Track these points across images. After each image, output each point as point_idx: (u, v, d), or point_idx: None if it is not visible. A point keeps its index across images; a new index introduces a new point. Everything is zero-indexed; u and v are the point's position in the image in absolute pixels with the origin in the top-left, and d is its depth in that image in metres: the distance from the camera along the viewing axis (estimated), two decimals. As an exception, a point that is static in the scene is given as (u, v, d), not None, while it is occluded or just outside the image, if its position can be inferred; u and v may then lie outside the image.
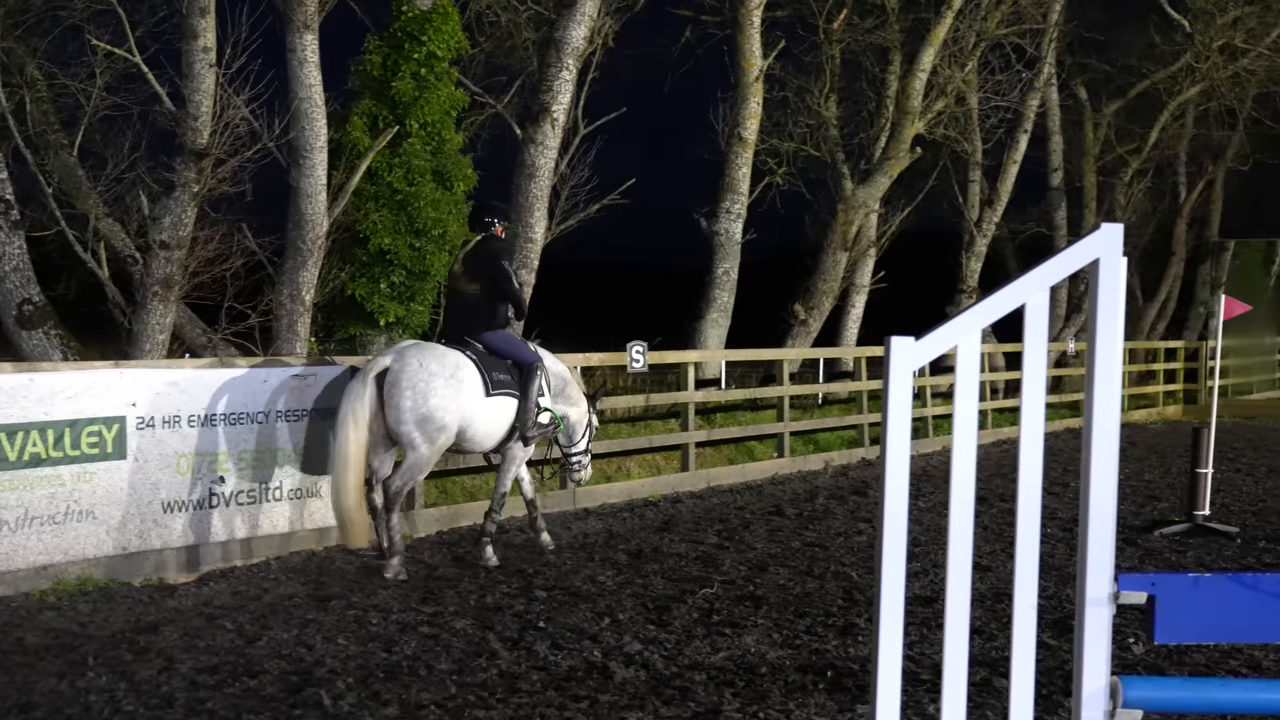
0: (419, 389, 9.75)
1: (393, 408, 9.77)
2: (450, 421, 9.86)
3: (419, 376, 9.76)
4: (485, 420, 10.10)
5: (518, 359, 10.38)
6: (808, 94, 22.44)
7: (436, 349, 10.01)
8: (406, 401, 9.73)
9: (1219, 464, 17.55)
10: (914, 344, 4.32)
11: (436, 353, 9.95)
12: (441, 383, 9.80)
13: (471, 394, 9.97)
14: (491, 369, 10.12)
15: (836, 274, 22.05)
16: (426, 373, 9.78)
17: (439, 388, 9.79)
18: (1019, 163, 25.97)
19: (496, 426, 10.21)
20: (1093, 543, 4.38)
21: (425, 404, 9.74)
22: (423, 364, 9.81)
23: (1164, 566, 10.62)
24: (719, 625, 8.19)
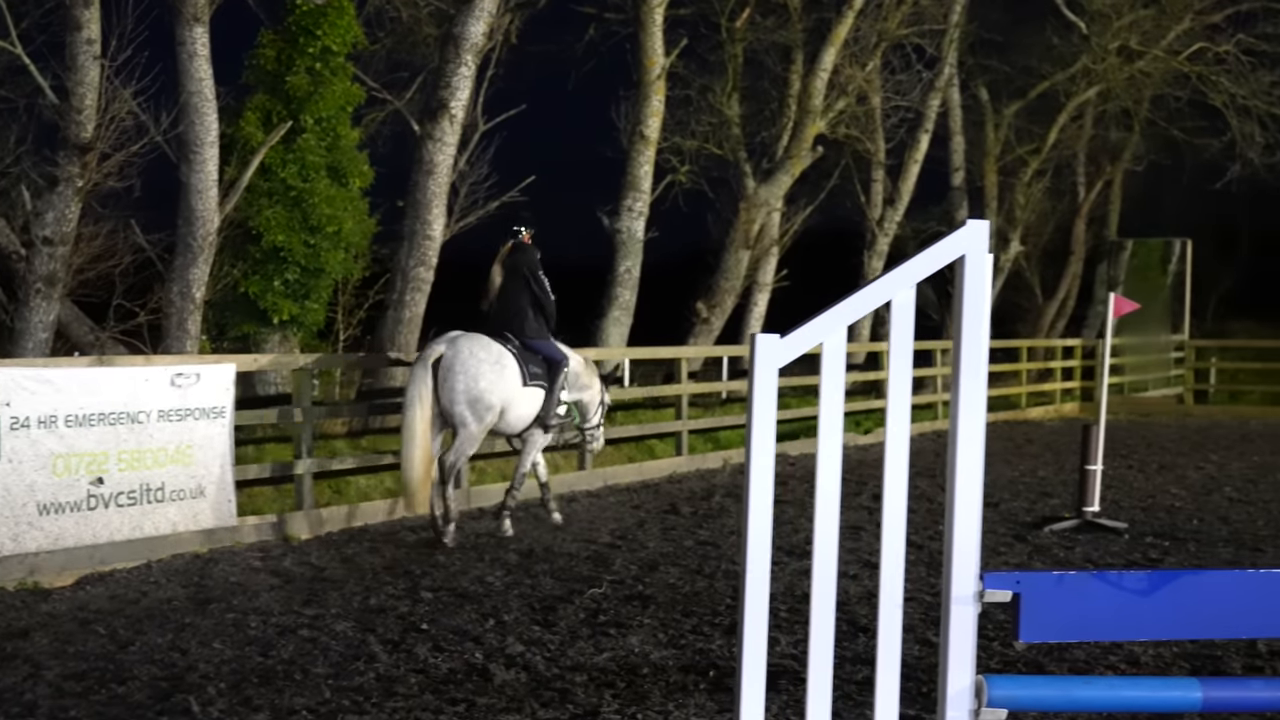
0: (470, 373, 11.02)
1: (447, 390, 11.04)
2: (496, 402, 11.12)
3: (470, 362, 11.03)
4: (521, 405, 11.39)
5: (548, 356, 11.61)
6: (710, 92, 22.48)
7: (483, 339, 11.24)
8: (460, 384, 11.01)
9: (1113, 461, 17.76)
10: (779, 342, 4.27)
11: (483, 342, 11.20)
12: (489, 368, 11.07)
13: (512, 381, 11.25)
14: (528, 362, 11.40)
15: (739, 272, 22.09)
16: (476, 359, 11.05)
17: (487, 372, 11.06)
18: (920, 162, 26.16)
19: (528, 412, 11.50)
20: (958, 541, 4.36)
21: (476, 386, 11.02)
22: (473, 352, 11.08)
23: (1052, 563, 10.70)
24: (605, 625, 8.12)
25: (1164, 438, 21.45)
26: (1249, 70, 26.22)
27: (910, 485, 8.99)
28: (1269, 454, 19.09)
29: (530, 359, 11.43)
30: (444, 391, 11.04)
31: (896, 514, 4.42)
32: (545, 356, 11.58)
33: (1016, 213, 29.58)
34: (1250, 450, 19.56)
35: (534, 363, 11.44)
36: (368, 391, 16.39)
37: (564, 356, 11.75)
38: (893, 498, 4.41)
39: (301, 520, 11.51)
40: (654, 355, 19.64)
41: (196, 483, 10.60)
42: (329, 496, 12.80)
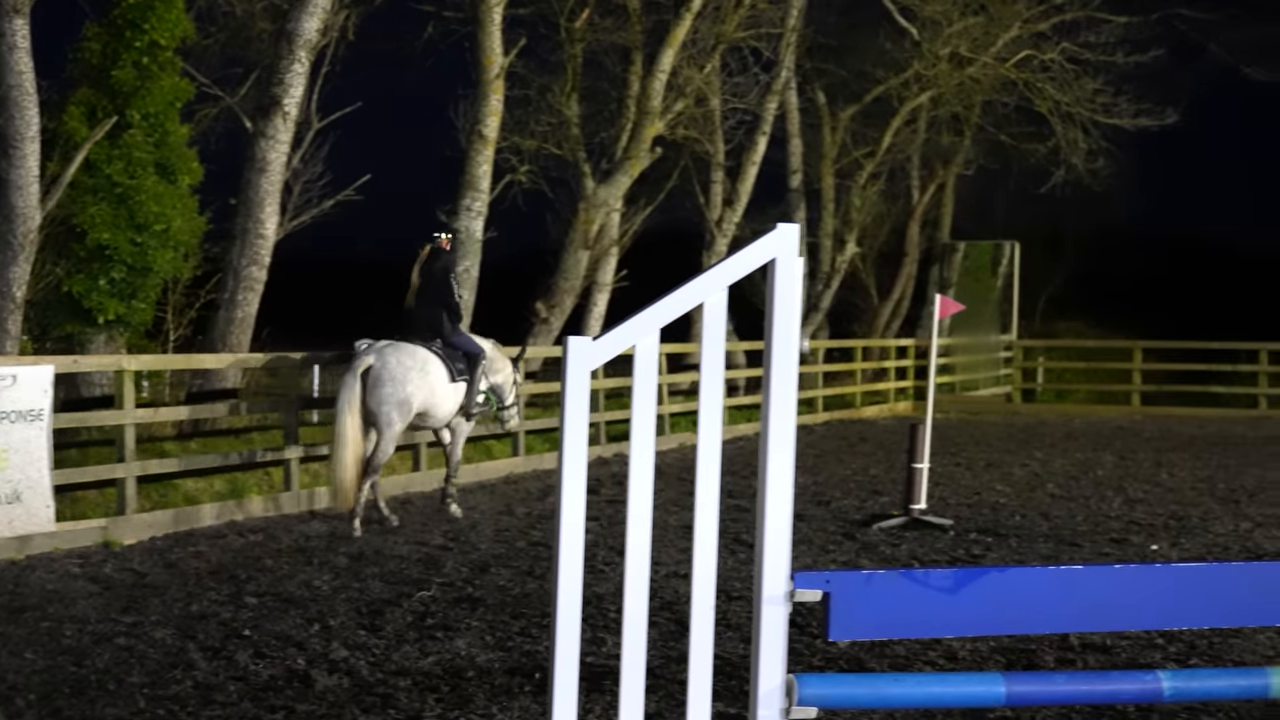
0: (399, 380, 11.97)
1: (376, 397, 11.93)
2: (419, 405, 12.15)
3: (397, 370, 11.98)
4: (449, 400, 12.44)
5: (467, 351, 12.65)
6: (549, 92, 22.44)
7: (407, 347, 12.19)
8: (389, 390, 11.94)
9: (942, 459, 18.17)
10: (591, 344, 4.28)
11: (408, 349, 12.16)
12: (415, 374, 12.06)
13: (439, 381, 12.26)
14: (452, 360, 12.40)
15: (578, 272, 22.10)
16: (403, 368, 12.01)
17: (414, 378, 12.05)
18: (758, 164, 26.44)
19: (454, 405, 12.54)
20: (769, 542, 4.41)
21: (404, 391, 11.98)
22: (399, 360, 12.03)
23: (879, 560, 10.89)
24: (432, 629, 8.07)
25: (992, 436, 21.99)
26: (1073, 78, 26.99)
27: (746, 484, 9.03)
28: (1090, 451, 19.67)
29: (453, 356, 12.44)
30: (373, 398, 11.91)
31: (708, 515, 4.46)
32: (465, 352, 12.60)
33: (852, 215, 30.06)
34: (1073, 447, 20.14)
35: (457, 359, 12.46)
36: (198, 393, 16.06)
37: (480, 349, 12.78)
38: (705, 499, 4.45)
39: (124, 525, 11.24)
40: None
41: (12, 487, 10.29)
42: (155, 500, 12.52)
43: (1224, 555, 11.32)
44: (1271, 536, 12.23)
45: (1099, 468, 17.50)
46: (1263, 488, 15.70)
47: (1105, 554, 11.29)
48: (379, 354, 12.05)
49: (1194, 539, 12.04)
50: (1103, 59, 26.81)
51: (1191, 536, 12.17)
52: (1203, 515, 13.46)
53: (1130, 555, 11.27)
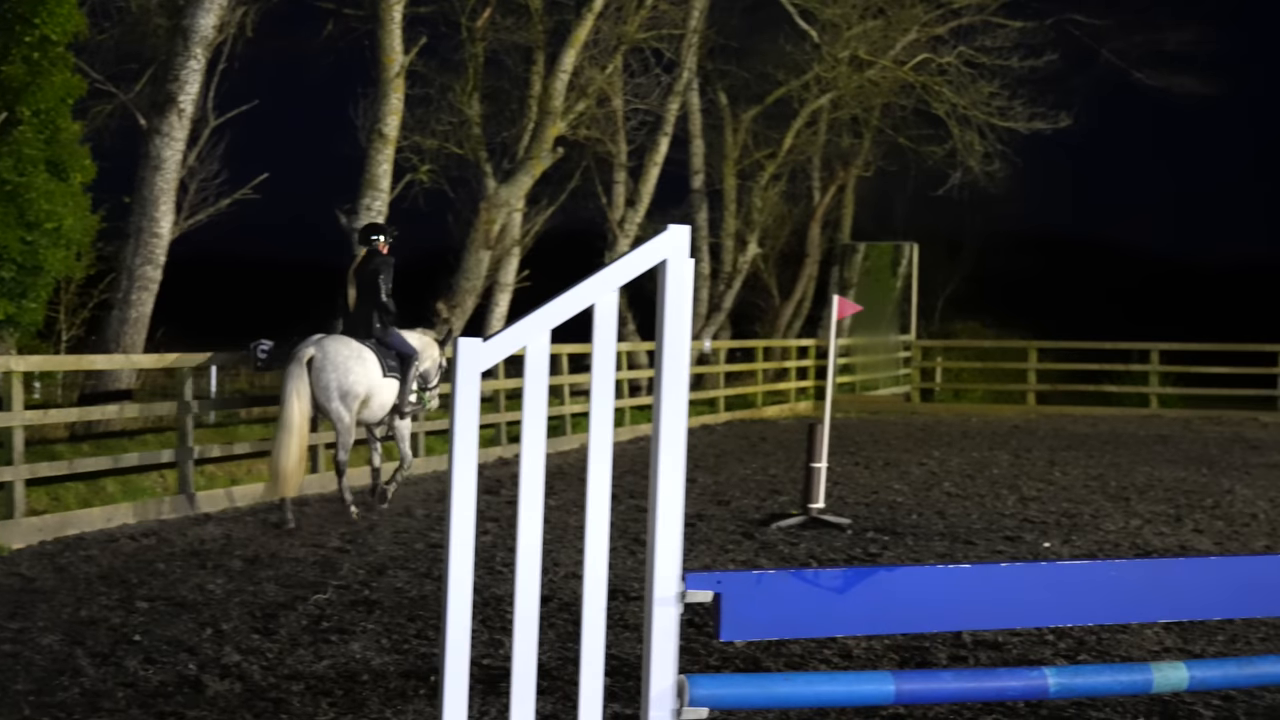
0: (341, 369, 12.41)
1: (321, 387, 12.36)
2: (362, 392, 12.57)
3: (337, 359, 12.41)
4: (382, 394, 12.84)
5: (400, 351, 13.09)
6: (451, 91, 22.34)
7: (344, 338, 12.67)
8: (332, 380, 12.38)
9: (841, 458, 18.34)
10: (481, 345, 4.26)
11: (345, 340, 12.64)
12: (355, 363, 12.49)
13: (374, 372, 12.69)
14: (384, 356, 12.84)
15: (479, 272, 22.02)
16: (342, 356, 12.44)
17: (354, 367, 12.48)
18: (660, 164, 26.50)
19: (387, 399, 12.97)
20: (660, 543, 4.42)
21: (346, 380, 12.43)
22: (338, 350, 12.47)
23: (777, 559, 10.95)
24: (327, 632, 7.99)
25: (890, 435, 22.21)
26: (969, 81, 27.35)
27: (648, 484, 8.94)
28: (986, 450, 19.94)
29: (385, 354, 12.87)
30: (319, 389, 12.36)
31: (600, 515, 4.46)
32: (398, 351, 13.06)
33: (754, 216, 30.23)
34: (969, 446, 20.41)
35: (389, 357, 12.92)
36: (91, 394, 15.79)
37: (414, 350, 13.21)
38: (596, 499, 4.44)
39: (12, 529, 11.02)
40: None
41: (-105, 492, 10.05)
42: (45, 504, 12.28)
43: (1114, 552, 11.53)
44: (1160, 533, 12.47)
45: (994, 466, 17.74)
46: (1151, 485, 16.00)
47: (999, 551, 11.45)
48: (319, 345, 12.49)
49: (1085, 536, 12.24)
50: (998, 63, 27.20)
51: (1083, 534, 12.37)
52: (1094, 513, 13.69)
53: (1023, 553, 11.44)
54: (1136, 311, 47.90)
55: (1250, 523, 13.17)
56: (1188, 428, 24.03)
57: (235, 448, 14.33)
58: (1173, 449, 20.39)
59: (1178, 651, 7.95)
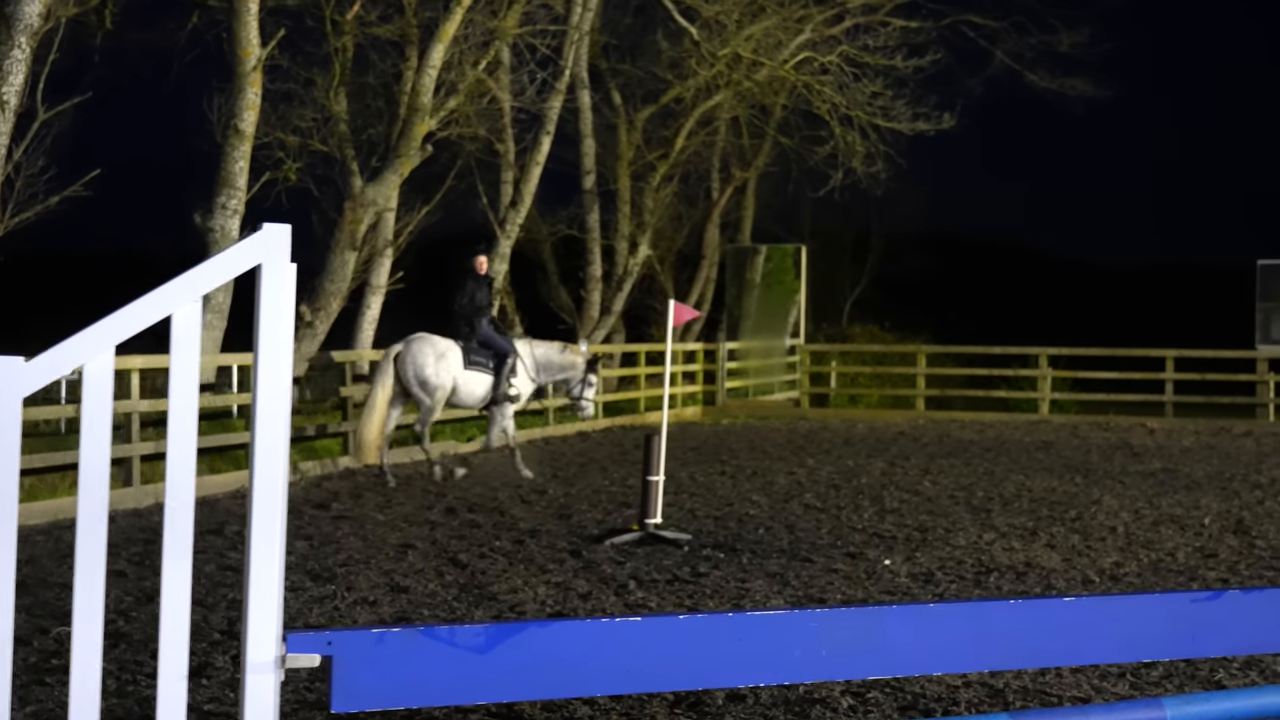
0: (417, 364, 15.41)
1: (404, 377, 15.49)
2: (438, 384, 15.46)
3: (417, 356, 15.43)
4: (465, 383, 15.67)
5: (497, 349, 15.91)
6: (315, 86, 21.54)
7: (431, 338, 15.65)
8: (410, 372, 15.49)
9: (711, 466, 17.78)
10: (23, 366, 3.56)
11: (431, 340, 15.61)
12: (432, 359, 15.43)
13: (455, 366, 15.54)
14: (470, 352, 15.67)
15: (345, 274, 21.22)
16: (422, 354, 15.45)
17: (430, 363, 15.45)
18: (542, 164, 25.76)
19: (476, 388, 15.79)
20: (254, 598, 3.73)
21: (422, 373, 15.36)
22: (420, 348, 15.50)
23: (598, 579, 10.30)
24: (54, 670, 7.24)
25: (770, 442, 21.63)
26: (851, 81, 26.83)
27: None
28: (864, 458, 19.42)
29: (475, 350, 15.66)
30: (402, 379, 15.48)
31: (178, 570, 3.76)
32: (494, 349, 15.83)
33: (645, 217, 29.60)
34: (847, 454, 19.88)
35: (478, 354, 15.67)
36: None
37: (509, 348, 15.95)
38: (175, 549, 3.74)
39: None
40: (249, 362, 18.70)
41: None
42: None
43: (956, 569, 10.98)
44: (1009, 549, 11.95)
45: (865, 475, 17.20)
46: (1019, 495, 15.53)
47: (835, 570, 10.87)
48: (406, 343, 15.63)
49: (931, 552, 11.69)
50: (882, 62, 26.70)
51: (930, 549, 11.83)
52: (949, 526, 13.17)
53: (861, 570, 10.87)
54: (1042, 315, 47.85)
55: (1106, 537, 12.68)
56: (1074, 434, 23.64)
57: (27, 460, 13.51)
58: (1053, 456, 19.96)
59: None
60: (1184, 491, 15.98)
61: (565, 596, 9.62)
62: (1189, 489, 16.21)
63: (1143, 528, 13.26)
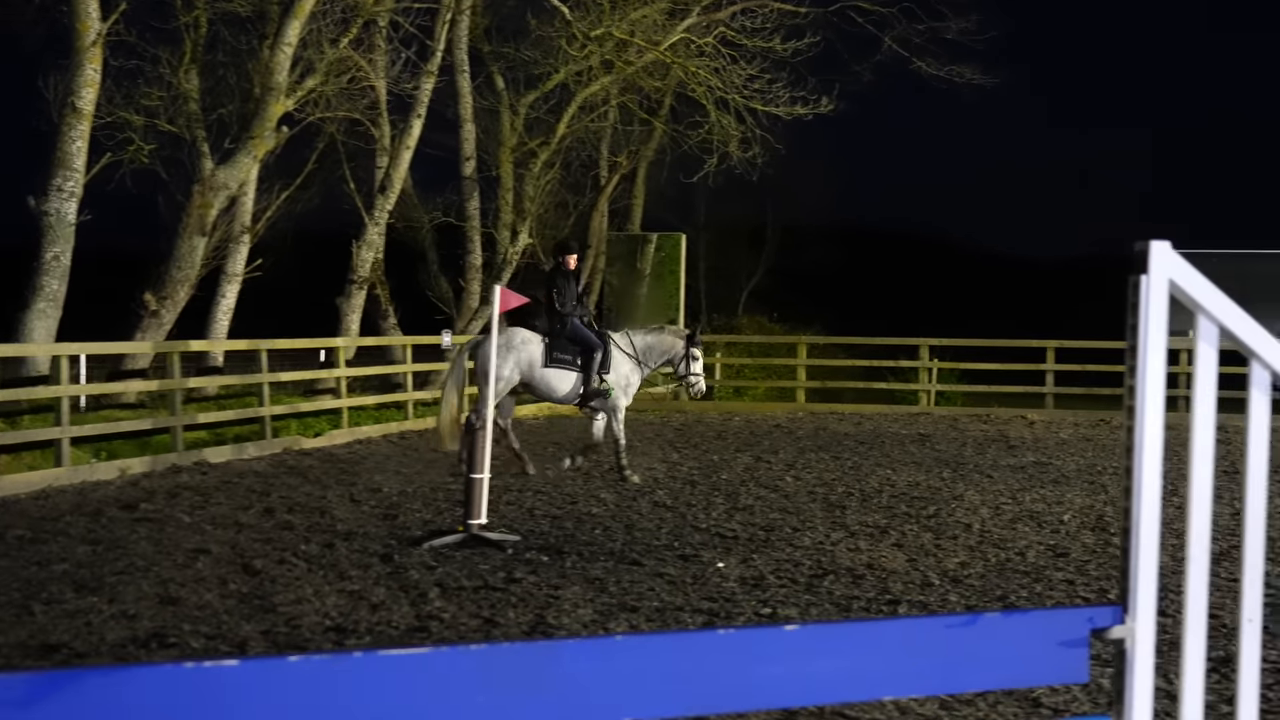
0: (485, 355, 14.01)
1: (477, 370, 15.24)
2: (504, 374, 15.10)
3: (486, 348, 13.83)
4: (546, 378, 15.36)
5: (584, 344, 15.38)
6: (162, 63, 20.51)
7: (511, 330, 15.47)
8: (479, 364, 15.02)
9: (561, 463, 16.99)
10: None
11: (510, 331, 15.43)
12: (504, 351, 14.95)
13: (531, 360, 15.30)
14: (555, 348, 15.33)
15: (194, 260, 20.22)
16: (488, 346, 13.58)
17: (500, 355, 14.73)
18: (413, 149, 24.91)
19: (559, 384, 15.41)
20: None
21: (486, 364, 13.56)
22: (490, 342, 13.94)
23: (399, 587, 9.51)
24: None
25: (639, 435, 20.85)
26: (728, 63, 26.14)
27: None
28: (732, 452, 18.77)
29: (561, 346, 15.32)
30: (476, 372, 15.37)
31: None
32: (581, 344, 15.37)
33: (526, 204, 28.76)
34: (716, 449, 19.22)
35: (563, 349, 15.33)
36: None
37: (599, 344, 15.40)
38: None
39: None
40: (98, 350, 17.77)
41: None
42: None
43: (792, 572, 10.32)
44: (854, 549, 11.32)
45: (727, 471, 16.54)
46: (881, 490, 14.95)
47: (662, 574, 10.16)
48: (485, 337, 14.90)
49: (771, 554, 11.03)
50: (760, 45, 26.02)
51: (770, 551, 11.16)
52: (799, 525, 12.51)
53: (690, 574, 10.17)
54: (945, 308, 47.57)
55: (959, 535, 12.09)
56: (953, 426, 23.15)
57: None
58: (926, 450, 19.43)
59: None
60: (1051, 486, 15.47)
61: (354, 607, 8.83)
62: (1056, 483, 15.71)
63: (1000, 525, 12.70)
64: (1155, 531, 4.33)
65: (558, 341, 15.35)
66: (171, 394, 16.35)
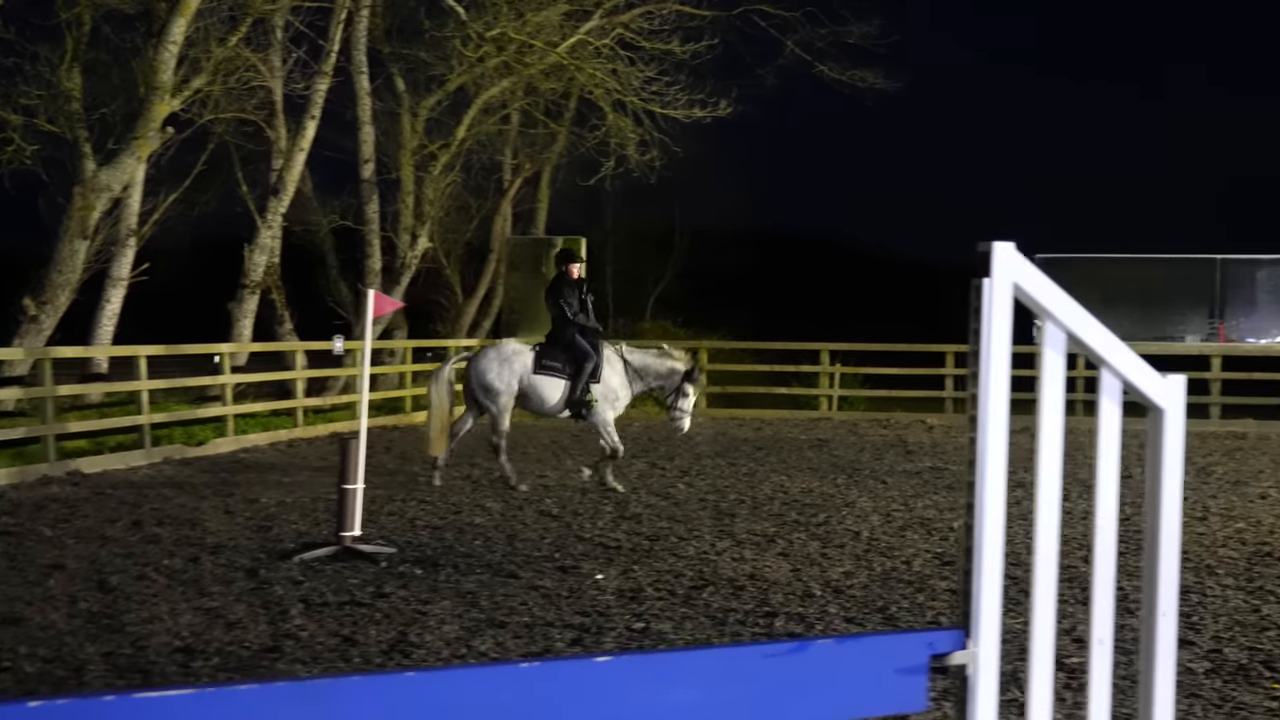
0: (479, 369, 15.16)
1: (471, 385, 15.25)
2: (501, 388, 15.07)
3: (480, 362, 15.24)
4: (537, 388, 15.16)
5: (577, 353, 15.09)
6: (40, 61, 19.89)
7: (501, 343, 16.18)
8: (473, 379, 15.20)
9: (458, 470, 16.66)
10: None
11: (500, 345, 15.83)
12: (496, 365, 15.12)
13: (521, 371, 15.09)
14: (544, 357, 15.17)
15: (75, 264, 19.61)
16: (486, 359, 15.28)
17: (493, 368, 15.11)
18: (307, 150, 24.42)
19: (550, 392, 15.18)
20: None
21: (484, 379, 15.09)
22: (485, 353, 15.50)
23: (261, 604, 9.12)
24: None
25: (533, 443, 20.52)
26: (626, 65, 25.88)
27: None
28: (627, 459, 18.31)
29: (551, 355, 15.13)
30: (471, 386, 15.28)
31: None
32: (573, 354, 15.08)
33: (425, 208, 28.33)
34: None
35: (552, 358, 15.11)
36: None
37: (590, 355, 15.10)
38: None
39: None
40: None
41: None
42: None
43: (672, 583, 10.06)
44: (739, 558, 11.09)
45: (620, 477, 16.21)
46: (773, 498, 14.74)
47: (538, 586, 9.86)
48: (482, 350, 15.73)
49: (653, 564, 10.76)
50: (659, 47, 25.78)
51: (653, 561, 10.90)
52: (686, 534, 12.26)
53: (567, 587, 9.87)
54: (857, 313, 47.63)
55: (847, 543, 11.90)
56: (853, 431, 23.04)
57: None
58: (824, 455, 19.28)
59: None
60: (944, 492, 15.34)
61: (209, 626, 8.44)
62: (951, 489, 15.58)
63: (889, 532, 12.52)
64: (999, 550, 4.11)
65: (548, 349, 15.23)
66: (43, 402, 15.75)
